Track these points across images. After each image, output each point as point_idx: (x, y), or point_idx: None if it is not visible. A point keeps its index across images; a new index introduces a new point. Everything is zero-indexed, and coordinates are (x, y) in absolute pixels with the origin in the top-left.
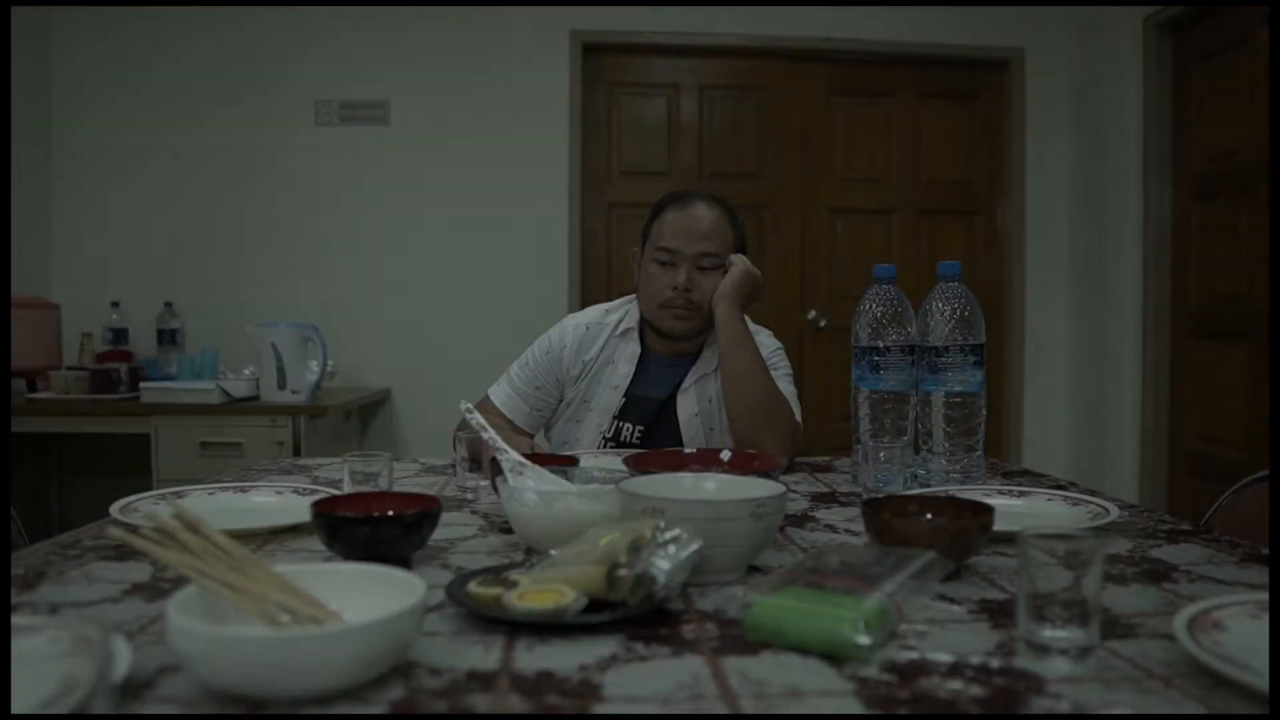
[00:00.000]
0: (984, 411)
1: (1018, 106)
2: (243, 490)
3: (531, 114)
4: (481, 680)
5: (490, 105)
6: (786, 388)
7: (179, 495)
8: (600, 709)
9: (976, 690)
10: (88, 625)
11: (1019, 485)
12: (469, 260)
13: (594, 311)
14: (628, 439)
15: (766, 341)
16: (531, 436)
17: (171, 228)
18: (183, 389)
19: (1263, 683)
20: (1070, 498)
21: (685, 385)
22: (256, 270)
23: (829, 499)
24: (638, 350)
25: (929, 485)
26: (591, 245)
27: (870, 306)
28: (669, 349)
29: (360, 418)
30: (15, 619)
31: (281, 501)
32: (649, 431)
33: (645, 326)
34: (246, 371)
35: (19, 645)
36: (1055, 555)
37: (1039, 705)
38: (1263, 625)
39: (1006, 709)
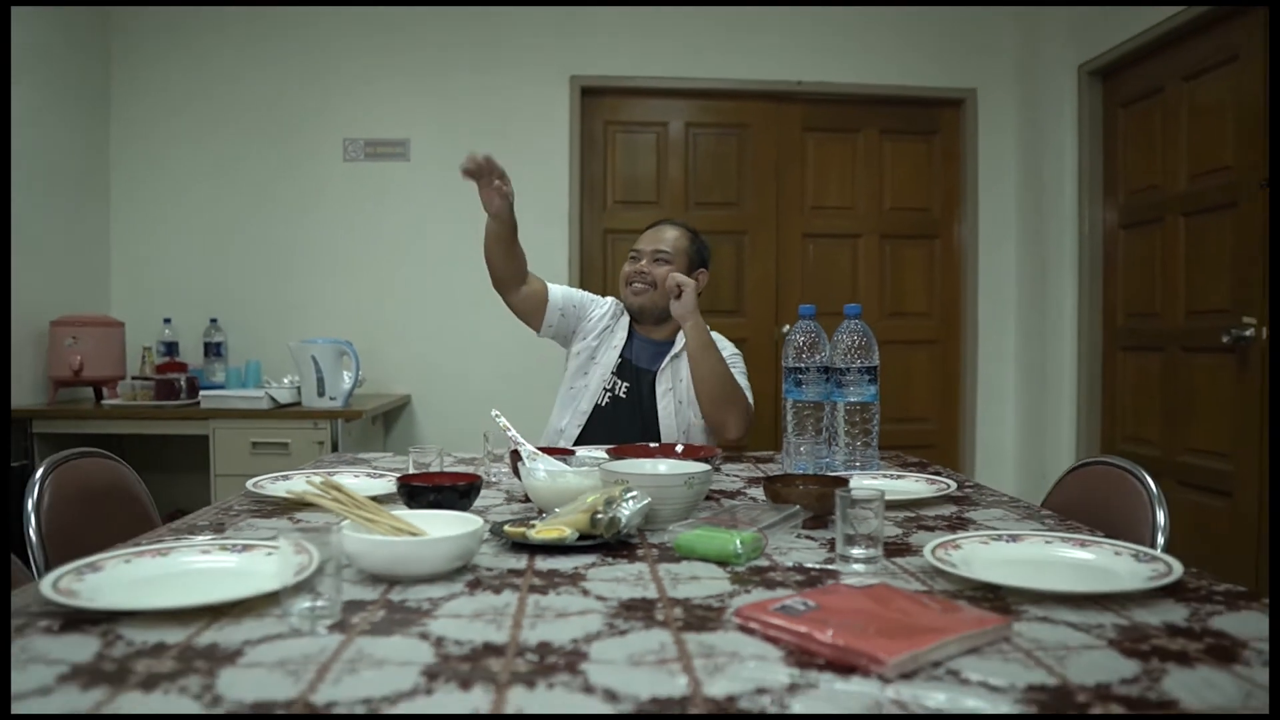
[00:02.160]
0: (877, 416)
1: (971, 142)
2: (329, 475)
3: (536, 149)
4: (516, 572)
5: (499, 142)
6: (741, 381)
7: (286, 478)
8: (585, 585)
9: (797, 578)
10: (302, 537)
11: (903, 471)
12: (479, 281)
13: (618, 303)
14: (620, 393)
15: (727, 344)
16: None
17: (215, 252)
18: (236, 396)
19: (956, 571)
20: (929, 479)
21: (663, 366)
22: (290, 289)
23: (759, 481)
24: (628, 322)
25: (835, 470)
26: (590, 266)
27: (795, 336)
28: (648, 332)
29: (384, 421)
30: (256, 541)
31: (360, 483)
32: (633, 391)
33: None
34: (287, 380)
35: (266, 559)
36: (856, 504)
37: (828, 581)
38: (991, 549)
39: (809, 583)
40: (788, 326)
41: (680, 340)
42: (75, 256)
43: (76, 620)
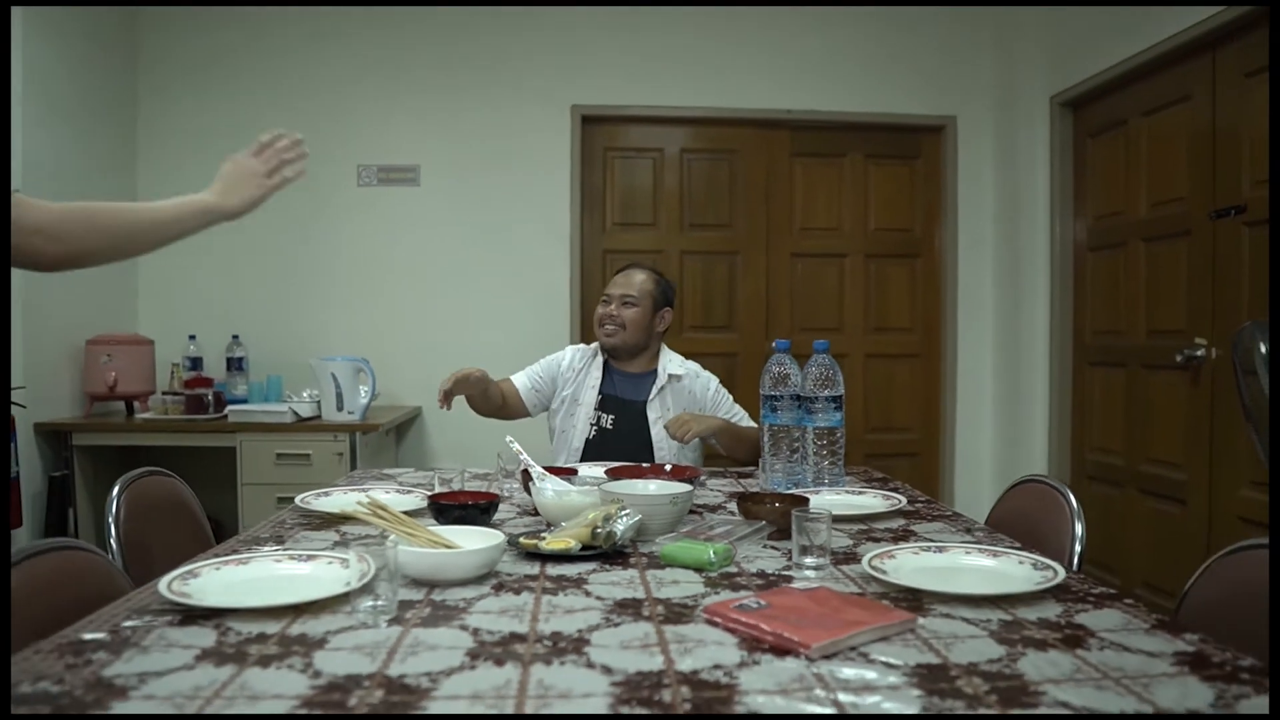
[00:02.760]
0: (843, 439)
1: (951, 166)
2: (363, 490)
3: (539, 175)
4: (531, 578)
5: (504, 169)
6: (737, 408)
7: (326, 494)
8: (587, 587)
9: (758, 582)
10: (364, 549)
11: (865, 487)
12: (486, 298)
13: (584, 346)
14: (606, 425)
15: (710, 379)
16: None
17: (237, 272)
18: (261, 410)
19: (886, 577)
20: (886, 495)
21: (652, 397)
22: (307, 308)
23: (738, 496)
24: (602, 362)
25: (806, 486)
26: (589, 285)
27: (772, 368)
28: (624, 366)
29: (396, 432)
30: (317, 551)
31: (390, 498)
32: (619, 421)
33: (609, 356)
34: (306, 395)
35: (329, 567)
36: (809, 521)
37: (783, 584)
38: (920, 558)
39: (767, 586)
40: (778, 340)
41: (663, 372)
42: (107, 278)
43: (191, 615)
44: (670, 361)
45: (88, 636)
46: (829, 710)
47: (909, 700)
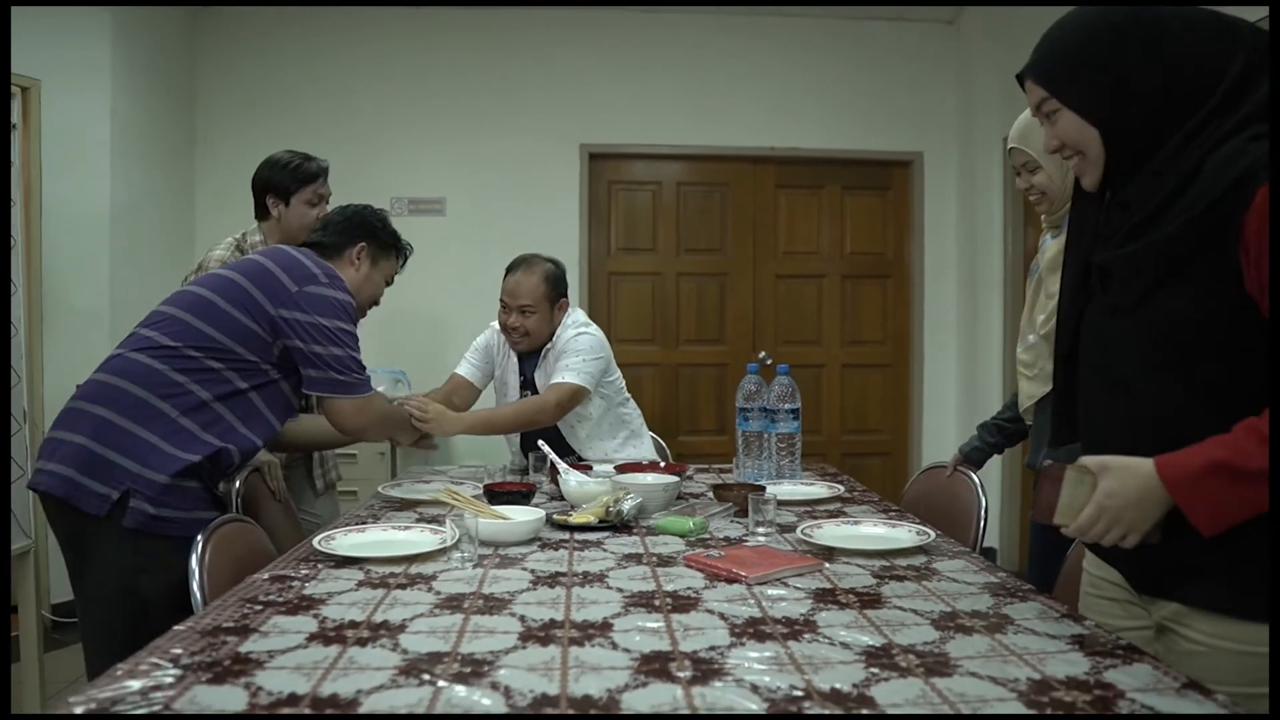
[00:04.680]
0: (799, 442)
1: (918, 196)
2: (425, 483)
3: (551, 205)
4: (564, 541)
5: (520, 200)
6: (571, 365)
7: (398, 485)
8: (603, 548)
9: (725, 544)
10: (454, 519)
11: (817, 479)
12: None
13: (497, 327)
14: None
15: (568, 329)
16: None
17: None
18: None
19: (811, 540)
20: (829, 485)
21: (536, 369)
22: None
23: (715, 485)
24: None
25: (770, 479)
26: (596, 304)
27: (745, 386)
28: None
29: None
30: (411, 523)
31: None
32: (526, 386)
33: None
34: None
35: (421, 533)
36: (761, 502)
37: (741, 544)
38: (840, 529)
39: (729, 545)
40: (764, 353)
41: (543, 354)
42: None
43: (341, 563)
44: (561, 334)
45: (282, 573)
46: (755, 610)
47: (805, 604)
